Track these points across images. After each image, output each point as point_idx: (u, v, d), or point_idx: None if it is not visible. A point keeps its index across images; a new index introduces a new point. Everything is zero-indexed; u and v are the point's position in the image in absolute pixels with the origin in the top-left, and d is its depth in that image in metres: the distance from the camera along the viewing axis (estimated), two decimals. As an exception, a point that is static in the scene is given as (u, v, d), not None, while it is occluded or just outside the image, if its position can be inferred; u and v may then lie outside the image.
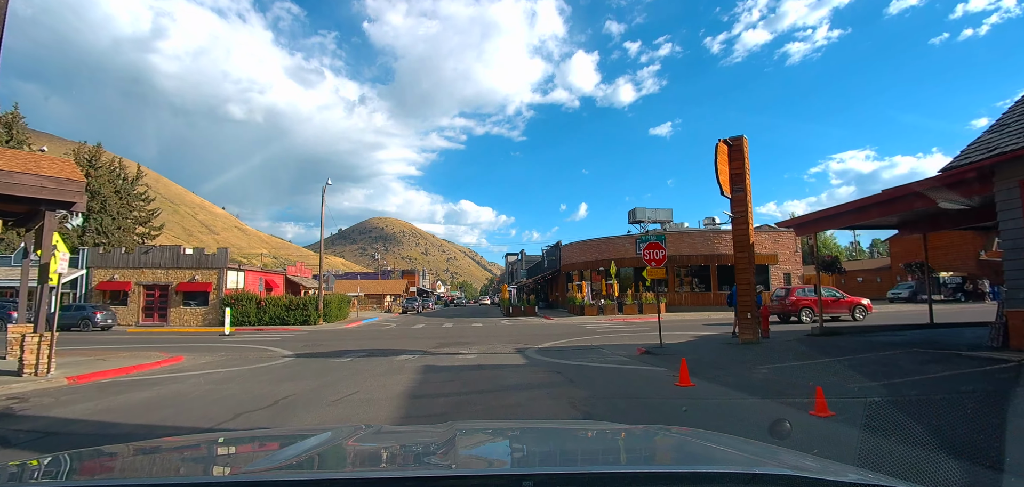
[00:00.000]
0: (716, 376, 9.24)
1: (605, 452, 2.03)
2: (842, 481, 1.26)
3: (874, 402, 6.57)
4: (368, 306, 64.63)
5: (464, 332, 22.86)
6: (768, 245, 34.39)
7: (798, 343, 13.81)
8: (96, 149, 53.53)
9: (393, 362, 12.78)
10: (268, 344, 18.63)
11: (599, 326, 23.98)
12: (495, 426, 3.22)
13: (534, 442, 2.15)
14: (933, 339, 12.91)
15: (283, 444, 2.00)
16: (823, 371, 9.17)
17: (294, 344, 18.48)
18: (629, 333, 19.93)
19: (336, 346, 17.44)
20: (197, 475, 1.60)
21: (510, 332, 22.21)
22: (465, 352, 14.97)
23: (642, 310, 31.94)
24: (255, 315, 30.87)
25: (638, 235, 36.59)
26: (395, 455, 1.83)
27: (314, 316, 30.90)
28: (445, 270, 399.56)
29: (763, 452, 1.82)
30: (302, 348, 17.05)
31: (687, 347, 14.17)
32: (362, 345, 17.69)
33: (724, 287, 33.90)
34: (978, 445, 4.69)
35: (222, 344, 18.96)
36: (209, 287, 31.96)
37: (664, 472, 1.39)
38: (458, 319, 34.93)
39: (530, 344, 16.63)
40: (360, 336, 22.24)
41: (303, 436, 2.01)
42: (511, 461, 1.84)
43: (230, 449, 2.06)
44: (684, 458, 1.78)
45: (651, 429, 2.41)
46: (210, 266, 32.41)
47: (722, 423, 5.99)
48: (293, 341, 19.91)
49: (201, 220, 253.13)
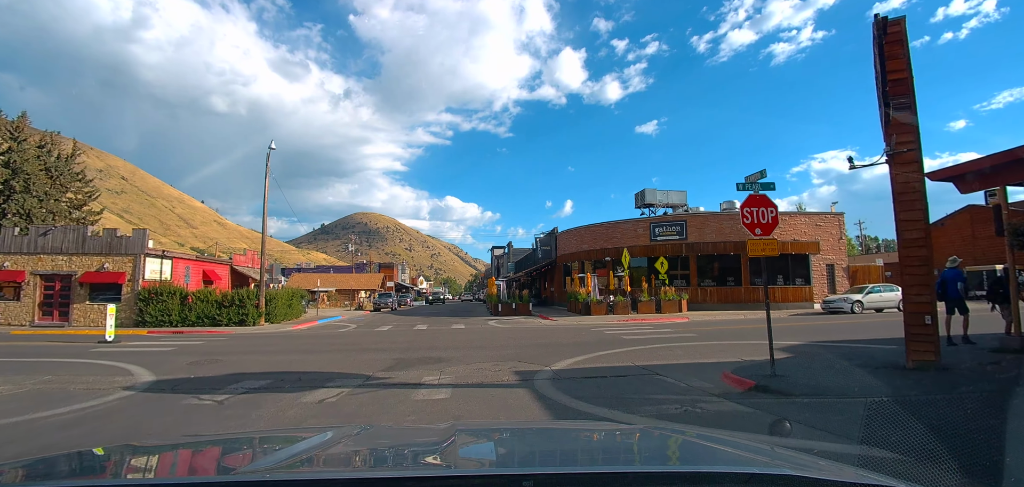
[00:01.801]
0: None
1: (605, 452, 2.01)
2: (842, 481, 1.25)
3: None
4: (339, 302, 58.15)
5: (439, 338, 16.87)
6: (806, 230, 28.90)
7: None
8: (19, 120, 46.21)
9: (291, 408, 6.78)
10: (147, 358, 12.43)
11: (619, 330, 18.14)
12: (495, 426, 3.46)
13: (534, 442, 2.18)
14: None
15: (283, 444, 2.04)
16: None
17: (181, 360, 12.30)
18: (665, 341, 14.09)
19: (237, 366, 11.30)
20: (197, 475, 1.61)
21: (501, 338, 16.27)
22: (432, 380, 9.01)
23: (660, 309, 26.20)
24: (178, 314, 24.47)
25: (653, 219, 30.82)
26: (395, 455, 1.82)
27: (253, 315, 24.59)
28: (429, 266, 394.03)
29: (763, 452, 1.80)
30: (185, 367, 10.94)
31: (806, 368, 8.39)
32: (278, 363, 11.60)
33: (756, 281, 28.31)
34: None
35: (73, 358, 12.67)
36: (122, 278, 25.39)
37: (664, 472, 1.44)
38: (435, 319, 28.81)
39: (536, 362, 10.68)
40: (294, 345, 16.14)
41: (303, 436, 2.06)
42: (511, 461, 1.85)
43: (230, 449, 2.03)
44: (684, 458, 1.78)
45: (651, 429, 2.50)
46: (124, 251, 25.81)
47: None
48: (192, 352, 13.76)
49: (179, 214, 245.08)
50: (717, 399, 7.02)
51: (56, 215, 46.13)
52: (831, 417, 5.71)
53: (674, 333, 16.64)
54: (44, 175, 46.86)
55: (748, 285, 28.10)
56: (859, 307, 24.28)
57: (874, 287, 25.20)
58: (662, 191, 36.78)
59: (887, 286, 25.58)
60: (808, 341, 13.46)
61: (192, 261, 30.61)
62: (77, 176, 50.13)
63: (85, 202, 49.92)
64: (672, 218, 30.10)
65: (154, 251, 26.81)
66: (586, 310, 26.55)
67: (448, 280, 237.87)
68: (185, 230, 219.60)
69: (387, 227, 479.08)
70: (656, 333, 16.79)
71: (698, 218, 29.15)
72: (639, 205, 37.61)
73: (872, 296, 24.77)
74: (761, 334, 15.11)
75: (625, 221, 31.65)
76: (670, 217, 30.53)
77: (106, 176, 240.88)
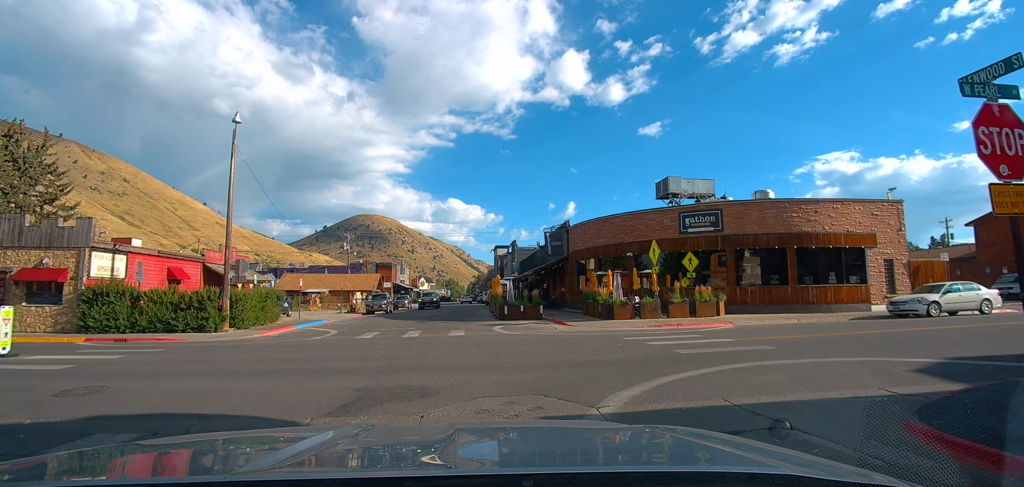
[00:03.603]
0: None
1: (605, 452, 1.97)
2: (842, 481, 1.23)
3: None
4: (332, 304, 54.35)
5: (431, 351, 13.01)
6: (862, 221, 24.91)
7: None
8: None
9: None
10: (8, 382, 8.62)
11: (659, 339, 14.22)
12: (495, 426, 3.45)
13: (534, 442, 2.15)
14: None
15: (283, 444, 2.01)
16: None
17: (48, 387, 8.45)
18: (735, 357, 10.12)
19: (123, 399, 7.48)
20: (197, 475, 1.58)
21: (512, 352, 12.39)
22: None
23: (695, 311, 22.29)
24: (127, 318, 20.65)
25: (682, 208, 26.88)
26: (395, 455, 1.79)
27: (215, 319, 20.76)
28: (432, 267, 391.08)
29: (763, 452, 1.81)
30: (31, 407, 7.12)
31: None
32: (189, 395, 7.77)
33: (806, 279, 24.36)
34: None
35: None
36: (64, 275, 21.60)
37: (664, 472, 1.41)
38: (431, 324, 24.93)
39: (574, 398, 6.76)
40: (241, 360, 12.32)
41: (303, 436, 2.07)
42: (511, 461, 1.83)
43: (230, 449, 1.95)
44: (684, 457, 1.77)
45: (651, 429, 2.27)
46: (66, 244, 22.01)
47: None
48: (85, 374, 9.96)
49: (180, 216, 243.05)
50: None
51: (24, 209, 42.61)
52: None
53: (734, 343, 12.72)
54: (11, 166, 43.41)
55: (796, 284, 24.11)
56: (936, 309, 20.32)
57: (951, 286, 21.21)
58: (687, 179, 32.76)
59: (966, 285, 21.59)
60: (942, 358, 9.59)
61: (151, 256, 26.78)
62: (49, 168, 46.57)
63: (56, 196, 46.30)
64: (705, 206, 26.14)
65: (102, 244, 23.02)
66: (608, 313, 22.63)
67: (450, 282, 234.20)
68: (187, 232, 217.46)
69: (389, 229, 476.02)
70: (710, 343, 12.88)
71: (736, 207, 25.18)
72: (661, 195, 33.59)
73: (950, 296, 20.79)
74: (848, 345, 11.33)
75: (649, 211, 27.70)
76: (703, 206, 26.56)
77: (108, 178, 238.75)
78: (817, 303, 23.70)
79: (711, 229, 25.00)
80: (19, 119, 46.86)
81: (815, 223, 24.23)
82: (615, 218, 29.16)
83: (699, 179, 33.04)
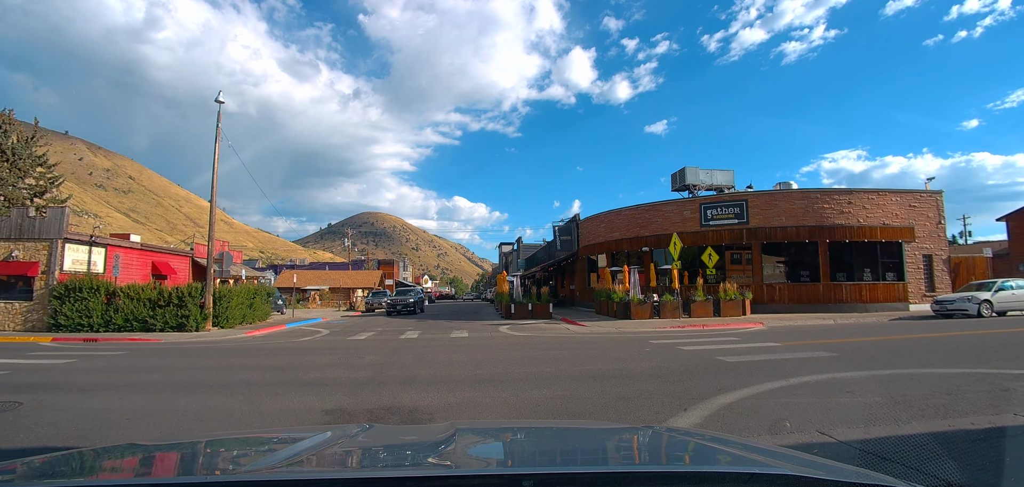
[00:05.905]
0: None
1: (606, 452, 1.93)
2: (842, 481, 1.22)
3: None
4: (333, 301, 52.74)
5: (428, 358, 11.22)
6: (899, 213, 22.93)
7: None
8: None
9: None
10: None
11: (691, 341, 12.37)
12: (495, 426, 3.29)
13: (534, 441, 2.12)
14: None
15: (283, 444, 1.97)
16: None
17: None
18: (787, 366, 8.22)
19: (6, 433, 5.70)
20: (197, 475, 1.56)
21: (523, 359, 10.58)
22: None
23: (719, 311, 20.41)
24: (101, 315, 18.98)
25: (704, 199, 24.96)
26: (395, 455, 1.76)
27: (197, 317, 19.05)
28: (436, 265, 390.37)
29: (763, 452, 1.80)
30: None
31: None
32: (111, 414, 5.99)
33: (839, 276, 22.44)
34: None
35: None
36: (34, 269, 19.95)
37: (664, 472, 1.39)
38: (432, 324, 23.16)
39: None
40: (209, 365, 10.59)
41: (303, 436, 1.95)
42: (511, 460, 1.80)
43: (230, 449, 1.96)
44: (684, 457, 1.74)
45: (651, 429, 2.19)
46: (38, 235, 20.35)
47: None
48: (18, 386, 8.26)
49: (185, 213, 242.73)
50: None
51: (13, 202, 41.18)
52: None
53: (782, 349, 10.85)
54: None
55: (828, 280, 22.16)
56: (987, 308, 18.39)
57: (1004, 283, 19.24)
58: (705, 170, 30.91)
59: (1018, 283, 19.61)
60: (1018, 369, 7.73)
61: (133, 249, 25.10)
62: (39, 160, 45.10)
63: (47, 189, 44.84)
64: (729, 197, 24.19)
65: (77, 235, 21.36)
66: (624, 312, 20.78)
67: (455, 280, 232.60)
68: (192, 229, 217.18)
69: (394, 227, 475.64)
70: (753, 348, 11.03)
71: (763, 198, 23.21)
72: (677, 187, 31.76)
73: (1003, 295, 18.84)
74: (920, 353, 9.72)
75: (667, 203, 25.76)
76: (727, 197, 24.63)
77: (114, 175, 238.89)
78: (851, 302, 21.77)
79: (735, 222, 23.07)
80: (8, 109, 45.39)
81: (849, 214, 22.27)
82: (629, 210, 27.27)
83: (718, 170, 31.18)
